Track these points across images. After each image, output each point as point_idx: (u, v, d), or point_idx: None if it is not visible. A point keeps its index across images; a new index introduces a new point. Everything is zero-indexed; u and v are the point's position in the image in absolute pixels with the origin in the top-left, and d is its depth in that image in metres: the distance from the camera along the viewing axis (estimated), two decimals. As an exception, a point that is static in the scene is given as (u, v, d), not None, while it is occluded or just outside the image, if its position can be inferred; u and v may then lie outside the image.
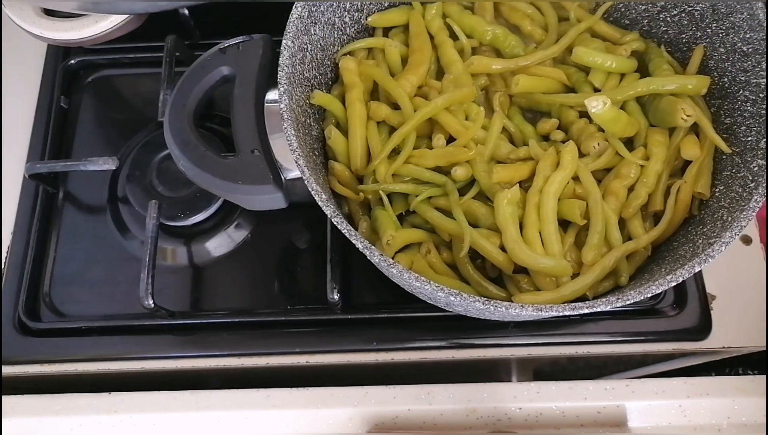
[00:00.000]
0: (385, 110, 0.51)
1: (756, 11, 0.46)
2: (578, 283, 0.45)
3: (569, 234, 0.48)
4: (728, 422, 0.49)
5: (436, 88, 0.52)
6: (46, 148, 0.62)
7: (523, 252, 0.45)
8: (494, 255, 0.46)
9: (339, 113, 0.51)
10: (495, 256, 0.46)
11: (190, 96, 0.50)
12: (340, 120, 0.51)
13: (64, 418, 0.51)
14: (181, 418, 0.50)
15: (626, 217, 0.48)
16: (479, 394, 0.50)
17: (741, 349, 0.55)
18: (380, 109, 0.50)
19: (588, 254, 0.46)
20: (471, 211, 0.48)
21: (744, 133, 0.47)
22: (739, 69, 0.48)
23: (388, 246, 0.47)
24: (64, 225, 0.60)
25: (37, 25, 0.60)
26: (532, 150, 0.49)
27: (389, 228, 0.47)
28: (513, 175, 0.48)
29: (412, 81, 0.51)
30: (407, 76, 0.51)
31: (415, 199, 0.49)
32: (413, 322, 0.54)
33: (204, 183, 0.48)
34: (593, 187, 0.48)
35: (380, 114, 0.51)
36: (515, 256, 0.45)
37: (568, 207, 0.47)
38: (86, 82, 0.66)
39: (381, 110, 0.50)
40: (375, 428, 0.49)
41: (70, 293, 0.57)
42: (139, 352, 0.55)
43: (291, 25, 0.47)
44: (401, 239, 0.48)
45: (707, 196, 0.48)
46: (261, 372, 0.55)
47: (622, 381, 0.50)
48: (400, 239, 0.48)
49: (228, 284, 0.57)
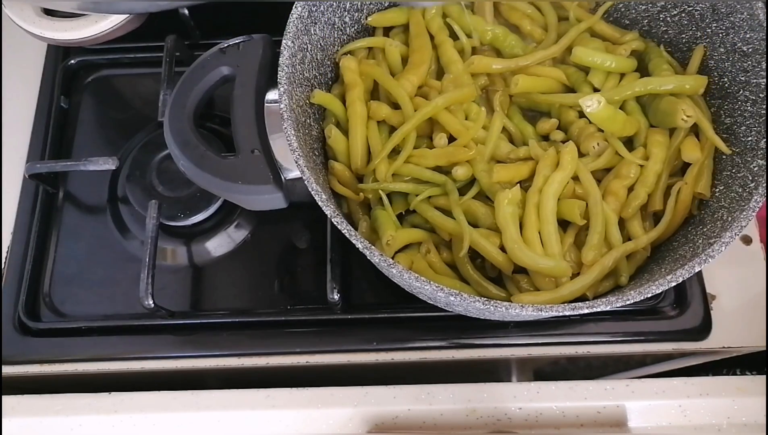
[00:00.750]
0: (385, 110, 0.51)
1: (756, 11, 0.46)
2: (577, 283, 0.45)
3: (569, 234, 0.48)
4: (728, 422, 0.49)
5: (436, 88, 0.52)
6: (46, 148, 0.62)
7: (523, 252, 0.45)
8: (494, 255, 0.46)
9: (339, 113, 0.51)
10: (495, 256, 0.46)
11: (190, 96, 0.50)
12: (341, 119, 0.51)
13: (64, 418, 0.51)
14: (181, 418, 0.50)
15: (626, 217, 0.48)
16: (479, 394, 0.50)
17: (741, 349, 0.55)
18: (381, 109, 0.50)
19: (588, 254, 0.46)
20: (471, 210, 0.48)
21: (744, 133, 0.47)
22: (739, 69, 0.48)
23: (387, 246, 0.47)
24: (64, 225, 0.60)
25: (37, 25, 0.60)
26: (532, 150, 0.49)
27: (389, 228, 0.47)
28: (513, 175, 0.48)
29: (412, 80, 0.51)
30: (408, 75, 0.51)
31: (415, 199, 0.49)
32: (413, 322, 0.54)
33: (204, 183, 0.48)
34: (593, 188, 0.48)
35: (380, 114, 0.51)
36: (515, 256, 0.45)
37: (567, 207, 0.47)
38: (86, 82, 0.66)
39: (381, 110, 0.51)
40: (375, 428, 0.49)
41: (70, 293, 0.57)
42: (139, 352, 0.55)
43: (291, 25, 0.47)
44: (401, 239, 0.48)
45: (708, 197, 0.48)
46: (261, 372, 0.55)
47: (622, 381, 0.50)
48: (399, 239, 0.48)
49: (228, 284, 0.57)
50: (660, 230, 0.48)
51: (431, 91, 0.52)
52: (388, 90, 0.51)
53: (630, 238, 0.49)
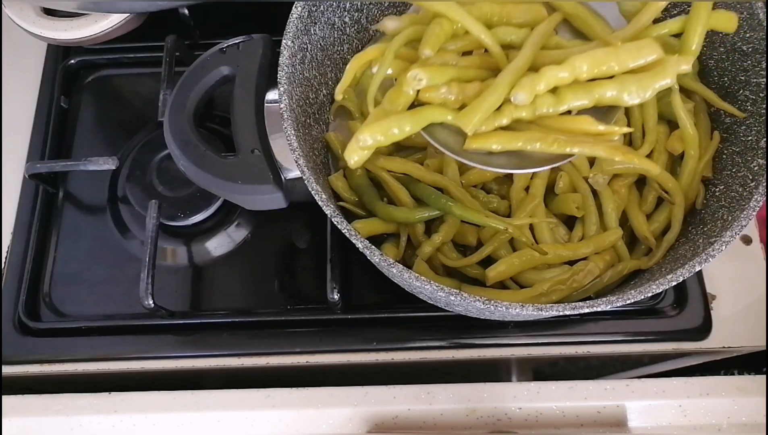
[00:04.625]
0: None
1: (756, 11, 0.46)
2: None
3: (577, 228, 0.49)
4: (728, 422, 0.49)
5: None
6: (46, 148, 0.62)
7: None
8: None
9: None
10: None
11: (190, 96, 0.50)
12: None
13: (64, 418, 0.51)
14: (181, 418, 0.50)
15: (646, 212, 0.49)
16: (479, 394, 0.50)
17: (741, 349, 0.55)
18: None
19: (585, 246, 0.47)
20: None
21: (744, 132, 0.47)
22: (739, 68, 0.48)
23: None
24: (64, 225, 0.60)
25: (37, 25, 0.60)
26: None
27: (357, 222, 0.48)
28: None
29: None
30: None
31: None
32: (413, 322, 0.54)
33: (204, 183, 0.48)
34: (584, 185, 0.49)
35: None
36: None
37: (564, 202, 0.48)
38: (86, 82, 0.66)
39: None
40: (375, 428, 0.49)
41: (70, 293, 0.57)
42: (139, 352, 0.55)
43: (291, 25, 0.47)
44: (366, 230, 0.48)
45: (710, 176, 0.49)
46: (261, 372, 0.55)
47: (622, 381, 0.50)
48: (364, 231, 0.48)
49: (228, 284, 0.57)
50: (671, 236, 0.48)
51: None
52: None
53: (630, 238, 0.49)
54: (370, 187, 0.49)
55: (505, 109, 0.42)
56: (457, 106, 0.43)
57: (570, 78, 0.41)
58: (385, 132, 0.43)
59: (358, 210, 0.49)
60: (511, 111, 0.42)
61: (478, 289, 0.47)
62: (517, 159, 0.43)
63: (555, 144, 0.42)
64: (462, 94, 0.43)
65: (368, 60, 0.47)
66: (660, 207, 0.50)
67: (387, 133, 0.43)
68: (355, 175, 0.49)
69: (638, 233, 0.49)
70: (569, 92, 0.41)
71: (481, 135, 0.43)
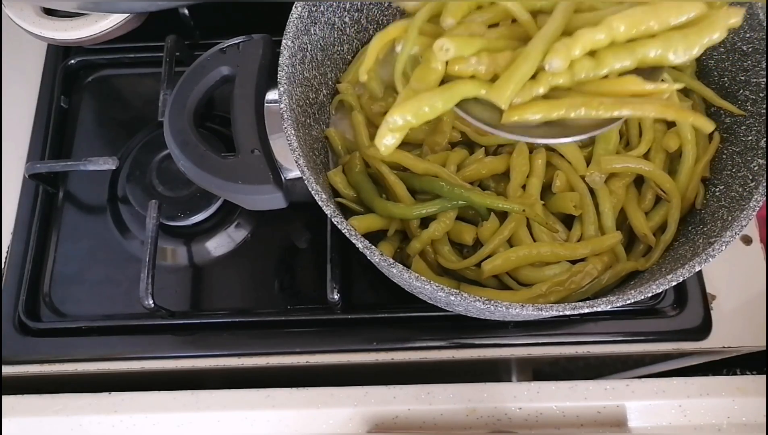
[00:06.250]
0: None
1: (756, 11, 0.46)
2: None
3: (575, 227, 0.49)
4: (728, 422, 0.49)
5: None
6: (46, 148, 0.62)
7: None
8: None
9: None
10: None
11: (190, 96, 0.50)
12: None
13: (64, 418, 0.51)
14: (181, 418, 0.50)
15: (646, 210, 0.49)
16: (479, 394, 0.50)
17: (741, 349, 0.54)
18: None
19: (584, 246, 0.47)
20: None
21: (744, 132, 0.47)
22: (739, 68, 0.48)
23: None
24: (64, 225, 0.60)
25: (37, 25, 0.60)
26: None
27: (353, 218, 0.48)
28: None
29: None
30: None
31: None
32: (413, 322, 0.54)
33: (204, 183, 0.48)
34: (581, 184, 0.49)
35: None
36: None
37: (561, 200, 0.48)
38: (86, 82, 0.66)
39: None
40: (375, 428, 0.49)
41: (70, 293, 0.57)
42: (139, 352, 0.55)
43: (291, 25, 0.47)
44: (362, 227, 0.48)
45: (710, 176, 0.49)
46: (261, 372, 0.55)
47: (622, 381, 0.50)
48: (361, 227, 0.47)
49: (228, 284, 0.57)
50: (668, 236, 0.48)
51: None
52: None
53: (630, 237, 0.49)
54: (369, 183, 0.49)
55: (541, 78, 0.39)
56: (489, 78, 0.40)
57: (607, 40, 0.38)
58: (415, 111, 0.40)
59: (356, 206, 0.49)
60: (547, 79, 0.39)
61: (478, 289, 0.47)
62: (560, 128, 0.40)
63: (601, 107, 0.38)
64: (494, 64, 0.40)
65: (391, 38, 0.44)
66: (657, 205, 0.50)
67: (418, 113, 0.40)
68: (354, 171, 0.49)
69: (637, 231, 0.49)
70: (610, 54, 0.38)
71: (518, 106, 0.39)
